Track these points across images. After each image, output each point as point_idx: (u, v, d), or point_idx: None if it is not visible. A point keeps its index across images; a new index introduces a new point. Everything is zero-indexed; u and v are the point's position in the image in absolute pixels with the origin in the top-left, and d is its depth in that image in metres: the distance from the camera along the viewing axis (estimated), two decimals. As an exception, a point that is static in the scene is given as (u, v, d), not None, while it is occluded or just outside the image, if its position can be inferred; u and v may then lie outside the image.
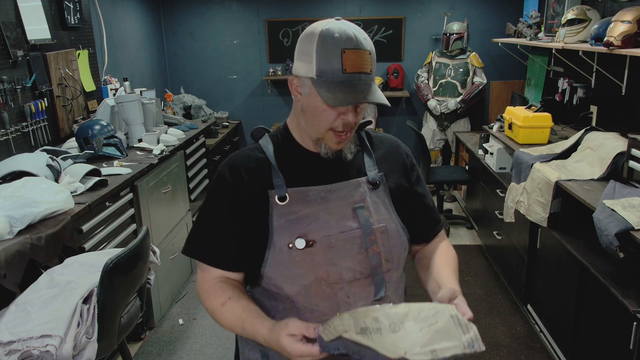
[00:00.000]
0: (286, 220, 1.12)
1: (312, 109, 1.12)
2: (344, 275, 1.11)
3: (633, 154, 2.37)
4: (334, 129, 1.11)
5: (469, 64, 4.81)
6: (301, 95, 1.14)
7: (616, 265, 2.22)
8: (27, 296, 1.81)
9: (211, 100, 5.49)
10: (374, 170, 1.21)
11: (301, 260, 1.10)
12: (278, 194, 1.13)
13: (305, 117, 1.15)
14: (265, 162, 1.17)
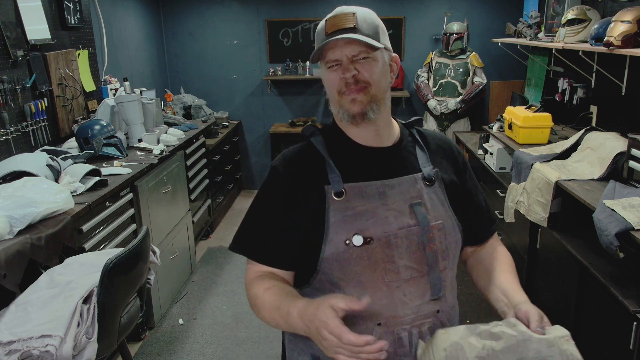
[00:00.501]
0: (343, 216, 1.09)
1: (325, 83, 1.17)
2: (402, 273, 1.10)
3: (633, 154, 2.37)
4: (340, 91, 1.12)
5: (469, 64, 4.81)
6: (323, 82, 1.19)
7: (616, 265, 2.22)
8: (27, 296, 1.81)
9: (211, 100, 5.49)
10: (428, 166, 1.20)
11: (358, 257, 1.08)
12: (335, 189, 1.11)
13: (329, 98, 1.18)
14: (319, 158, 1.15)
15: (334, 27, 1.11)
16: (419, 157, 1.20)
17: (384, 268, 1.09)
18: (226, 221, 4.91)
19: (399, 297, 1.10)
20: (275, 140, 5.42)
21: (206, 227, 4.42)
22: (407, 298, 1.11)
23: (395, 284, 1.10)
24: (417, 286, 1.12)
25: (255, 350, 2.90)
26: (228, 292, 3.53)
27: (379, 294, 1.09)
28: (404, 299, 1.10)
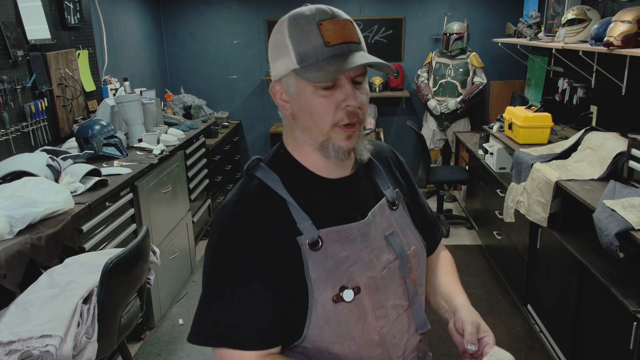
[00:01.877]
0: (324, 269, 0.91)
1: (306, 107, 0.91)
2: (390, 315, 0.99)
3: (633, 154, 2.37)
4: (338, 124, 0.91)
5: (469, 64, 4.81)
6: (290, 101, 0.93)
7: (616, 265, 2.22)
8: (27, 296, 1.81)
9: (211, 100, 5.49)
10: (389, 188, 1.05)
11: (349, 312, 0.93)
12: (309, 238, 0.91)
13: (300, 123, 0.93)
14: (278, 201, 0.93)
15: (339, 38, 0.89)
16: (379, 178, 1.05)
17: (374, 316, 0.96)
18: (226, 221, 4.90)
19: (390, 340, 1.00)
20: (275, 140, 5.42)
21: (206, 227, 4.42)
22: (396, 339, 1.01)
23: (385, 329, 0.99)
24: (402, 323, 1.02)
25: (255, 350, 2.90)
26: (228, 292, 3.53)
27: (372, 344, 0.97)
28: (394, 341, 1.01)
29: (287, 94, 0.93)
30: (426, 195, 5.44)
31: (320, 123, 0.91)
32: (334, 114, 0.90)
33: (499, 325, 3.05)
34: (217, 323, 0.92)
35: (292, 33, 0.89)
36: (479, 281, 3.57)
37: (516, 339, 2.92)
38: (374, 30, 5.23)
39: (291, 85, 0.92)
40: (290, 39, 0.89)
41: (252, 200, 0.94)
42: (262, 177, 0.95)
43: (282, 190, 0.93)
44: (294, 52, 0.89)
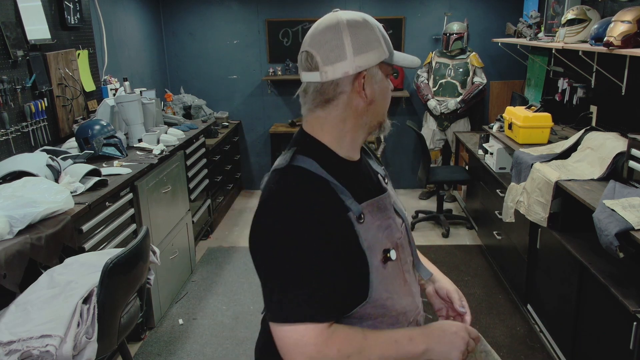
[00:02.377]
0: (371, 237, 1.05)
1: (385, 92, 1.10)
2: (410, 269, 1.19)
3: (633, 154, 2.37)
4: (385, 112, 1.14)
5: (469, 64, 4.81)
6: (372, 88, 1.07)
7: (616, 265, 2.22)
8: (27, 296, 1.81)
9: (211, 100, 5.49)
10: (380, 166, 1.23)
11: (392, 270, 1.09)
12: (356, 212, 1.03)
13: (375, 107, 1.09)
14: (323, 183, 1.03)
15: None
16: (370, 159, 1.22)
17: (403, 270, 1.14)
18: (226, 221, 4.91)
19: (413, 289, 1.18)
20: (275, 140, 5.43)
21: (206, 227, 4.42)
22: (414, 288, 1.19)
23: (409, 280, 1.17)
24: (413, 276, 1.21)
25: (255, 350, 2.90)
26: (228, 292, 3.53)
27: (406, 294, 1.14)
28: (414, 290, 1.19)
29: (373, 80, 1.06)
30: (426, 195, 5.44)
31: (386, 106, 1.12)
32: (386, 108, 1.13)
33: (499, 325, 3.05)
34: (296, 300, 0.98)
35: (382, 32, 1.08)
36: (479, 281, 3.57)
37: (516, 339, 2.92)
38: (374, 30, 5.22)
39: (377, 74, 1.06)
40: (381, 34, 1.07)
41: (303, 185, 1.03)
42: (303, 164, 1.04)
43: (324, 173, 1.03)
44: (385, 44, 1.07)
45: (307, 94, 1.08)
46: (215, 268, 3.90)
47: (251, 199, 5.55)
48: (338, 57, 1.04)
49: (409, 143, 5.59)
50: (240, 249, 4.25)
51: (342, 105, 1.06)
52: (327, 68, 1.04)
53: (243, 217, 5.01)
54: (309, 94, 1.08)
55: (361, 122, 1.09)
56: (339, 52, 1.04)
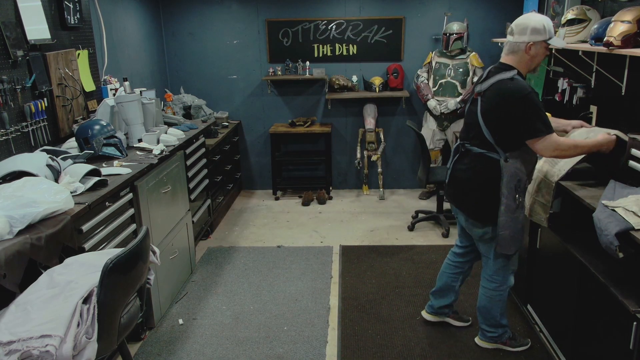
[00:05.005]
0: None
1: (541, 54, 2.43)
2: None
3: (633, 154, 2.37)
4: (542, 60, 2.47)
5: (468, 64, 4.81)
6: (532, 50, 2.40)
7: (616, 265, 2.22)
8: (27, 296, 1.81)
9: (211, 100, 5.49)
10: None
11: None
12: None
13: (532, 60, 2.44)
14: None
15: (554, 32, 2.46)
16: None
17: None
18: (226, 221, 4.91)
19: None
20: (275, 140, 5.43)
21: (206, 227, 4.42)
22: None
23: None
24: None
25: (255, 350, 2.90)
26: (228, 292, 3.53)
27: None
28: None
29: (534, 47, 2.41)
30: (426, 195, 5.44)
31: (540, 60, 2.47)
32: (541, 59, 2.48)
33: (498, 325, 3.05)
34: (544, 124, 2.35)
35: (549, 26, 2.39)
36: (479, 281, 3.56)
37: (516, 339, 2.92)
38: (373, 30, 5.23)
39: (537, 44, 2.41)
40: (547, 27, 2.39)
41: (529, 85, 2.39)
42: (521, 79, 2.42)
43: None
44: (548, 33, 2.40)
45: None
46: (215, 268, 3.90)
47: (251, 199, 5.55)
48: (530, 35, 2.41)
49: (409, 143, 5.59)
50: (240, 249, 4.25)
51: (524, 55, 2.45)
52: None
53: (243, 217, 5.01)
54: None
55: (526, 65, 2.47)
56: (529, 34, 2.42)
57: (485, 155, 2.46)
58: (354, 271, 3.79)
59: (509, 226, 2.42)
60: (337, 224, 4.78)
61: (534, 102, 2.29)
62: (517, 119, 2.32)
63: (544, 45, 2.39)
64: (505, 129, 2.38)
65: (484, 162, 2.46)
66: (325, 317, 3.22)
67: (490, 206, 2.44)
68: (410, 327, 3.07)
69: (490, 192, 2.43)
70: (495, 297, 2.71)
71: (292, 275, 3.75)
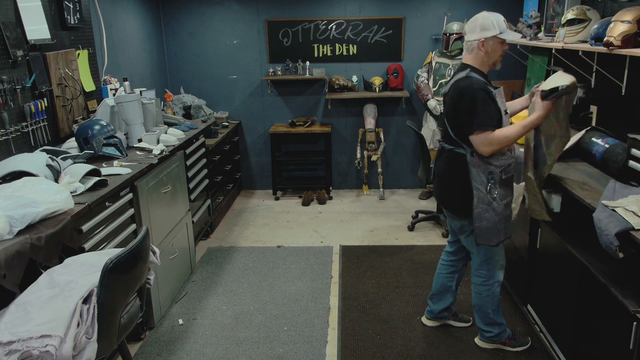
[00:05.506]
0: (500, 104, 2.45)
1: (497, 48, 2.48)
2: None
3: (633, 154, 2.37)
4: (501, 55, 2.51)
5: (469, 64, 4.80)
6: (485, 47, 2.49)
7: (616, 265, 2.22)
8: (27, 296, 1.81)
9: (211, 100, 5.49)
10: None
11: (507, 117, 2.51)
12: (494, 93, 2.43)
13: (488, 56, 2.49)
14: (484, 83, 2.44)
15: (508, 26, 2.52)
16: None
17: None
18: (226, 221, 4.91)
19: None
20: (275, 140, 5.43)
21: (206, 227, 4.42)
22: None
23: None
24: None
25: (255, 350, 2.90)
26: (228, 292, 3.53)
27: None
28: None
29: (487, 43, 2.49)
30: (426, 195, 5.44)
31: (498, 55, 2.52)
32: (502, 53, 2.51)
33: (499, 325, 3.05)
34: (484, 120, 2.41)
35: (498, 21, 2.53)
36: (479, 281, 3.56)
37: (516, 339, 2.92)
38: (373, 30, 5.23)
39: (489, 41, 2.48)
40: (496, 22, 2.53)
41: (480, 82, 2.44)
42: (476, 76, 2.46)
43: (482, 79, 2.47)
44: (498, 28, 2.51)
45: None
46: (215, 268, 3.90)
47: (251, 199, 5.55)
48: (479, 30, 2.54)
49: (409, 143, 5.59)
50: (240, 249, 4.25)
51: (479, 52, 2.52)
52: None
53: (243, 217, 5.01)
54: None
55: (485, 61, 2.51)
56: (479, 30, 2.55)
57: (453, 151, 2.57)
58: (354, 271, 3.79)
59: (486, 217, 2.50)
60: (337, 224, 4.78)
61: (478, 98, 2.36)
62: (463, 115, 2.43)
63: (498, 41, 2.45)
64: (459, 125, 2.49)
65: (453, 158, 2.56)
66: (325, 317, 3.22)
67: (464, 199, 2.53)
68: (410, 327, 3.07)
69: (462, 186, 2.51)
70: (483, 293, 2.74)
71: (292, 276, 3.75)
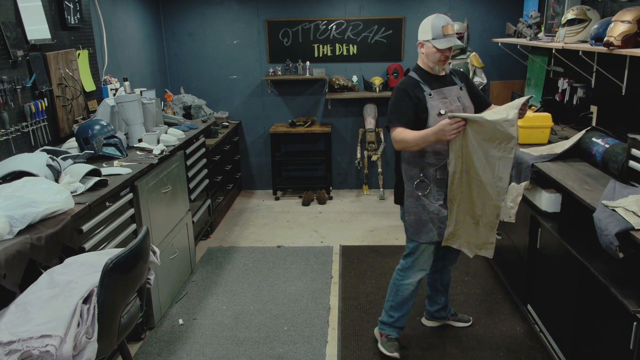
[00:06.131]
0: (434, 105, 2.44)
1: (431, 53, 2.45)
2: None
3: (633, 154, 2.37)
4: (440, 60, 2.45)
5: (469, 64, 4.80)
6: (422, 48, 2.48)
7: (616, 265, 2.22)
8: (27, 296, 1.81)
9: (211, 100, 5.49)
10: (459, 82, 2.58)
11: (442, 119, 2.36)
12: (428, 93, 2.45)
13: (427, 58, 2.48)
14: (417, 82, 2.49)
15: (447, 32, 2.43)
16: (454, 79, 2.57)
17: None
18: (226, 221, 4.91)
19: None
20: (275, 140, 5.43)
21: (206, 227, 4.42)
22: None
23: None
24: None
25: (255, 350, 2.90)
26: (228, 292, 3.53)
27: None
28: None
29: (424, 46, 2.47)
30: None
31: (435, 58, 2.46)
32: (440, 56, 2.45)
33: (499, 325, 3.05)
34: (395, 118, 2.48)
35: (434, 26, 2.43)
36: (479, 281, 3.57)
37: (516, 339, 2.92)
38: (373, 30, 5.23)
39: (426, 44, 2.46)
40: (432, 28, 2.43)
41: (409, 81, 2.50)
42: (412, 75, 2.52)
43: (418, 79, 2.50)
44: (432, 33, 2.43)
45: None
46: (215, 268, 3.90)
47: (251, 199, 5.55)
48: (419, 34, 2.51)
49: (409, 143, 5.58)
50: (240, 249, 4.25)
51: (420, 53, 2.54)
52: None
53: (243, 217, 5.01)
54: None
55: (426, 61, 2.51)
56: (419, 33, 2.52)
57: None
58: (354, 271, 3.79)
59: (414, 212, 2.55)
60: (337, 224, 4.78)
61: (396, 96, 2.46)
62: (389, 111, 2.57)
63: (431, 45, 2.42)
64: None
65: (395, 152, 2.67)
66: (325, 317, 3.22)
67: (399, 191, 2.65)
68: (411, 327, 3.07)
69: (399, 179, 2.63)
70: (395, 282, 2.75)
71: (292, 276, 3.75)
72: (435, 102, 2.43)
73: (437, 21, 2.41)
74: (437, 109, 2.42)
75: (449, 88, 2.50)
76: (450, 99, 2.47)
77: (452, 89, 2.51)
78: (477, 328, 3.03)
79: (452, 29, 2.43)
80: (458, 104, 2.48)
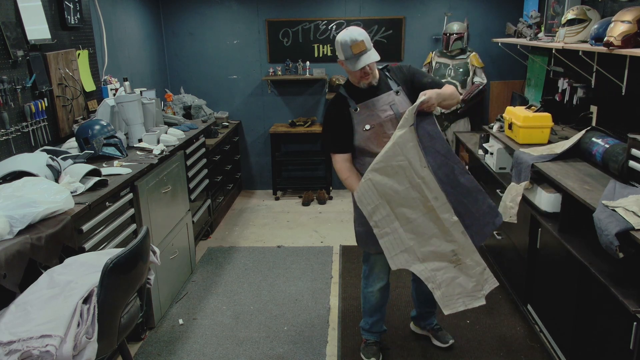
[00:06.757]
0: (360, 120, 2.39)
1: (350, 72, 2.35)
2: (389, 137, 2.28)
3: (633, 154, 2.37)
4: (360, 77, 2.34)
5: (469, 64, 4.81)
6: (344, 66, 2.34)
7: (616, 265, 2.22)
8: (27, 296, 1.81)
9: (211, 100, 5.49)
10: (395, 86, 2.42)
11: (370, 135, 2.38)
12: (354, 108, 2.39)
13: (349, 76, 2.41)
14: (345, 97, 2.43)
15: (356, 50, 2.26)
16: (390, 83, 2.43)
17: (383, 136, 2.36)
18: (226, 221, 4.91)
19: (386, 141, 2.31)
20: (275, 140, 5.43)
21: (206, 227, 4.42)
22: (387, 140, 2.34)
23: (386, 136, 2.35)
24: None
25: (255, 350, 2.90)
26: (228, 292, 3.53)
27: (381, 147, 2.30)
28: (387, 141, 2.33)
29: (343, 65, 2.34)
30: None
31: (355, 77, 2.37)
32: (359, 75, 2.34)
33: (498, 325, 3.05)
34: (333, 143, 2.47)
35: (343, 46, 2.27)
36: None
37: (516, 339, 2.92)
38: (373, 30, 5.23)
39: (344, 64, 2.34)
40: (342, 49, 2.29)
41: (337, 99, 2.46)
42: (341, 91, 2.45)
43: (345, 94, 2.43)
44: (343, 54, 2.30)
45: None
46: (215, 268, 3.90)
47: (251, 199, 5.55)
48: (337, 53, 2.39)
49: (409, 143, 5.58)
50: (240, 249, 4.25)
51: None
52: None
53: (243, 217, 5.01)
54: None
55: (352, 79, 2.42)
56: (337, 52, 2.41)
57: None
58: (354, 271, 3.79)
59: (360, 222, 2.53)
60: (337, 224, 4.78)
61: (328, 117, 2.50)
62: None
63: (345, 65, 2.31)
64: None
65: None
66: (325, 317, 3.22)
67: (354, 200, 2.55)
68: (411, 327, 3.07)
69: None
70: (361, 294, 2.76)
71: (292, 275, 3.75)
72: (361, 117, 2.36)
73: (345, 40, 2.23)
74: (362, 124, 2.36)
75: (378, 98, 2.36)
76: (380, 109, 2.35)
77: (382, 97, 2.36)
78: (477, 328, 3.03)
79: (362, 45, 2.22)
80: (390, 112, 2.34)
